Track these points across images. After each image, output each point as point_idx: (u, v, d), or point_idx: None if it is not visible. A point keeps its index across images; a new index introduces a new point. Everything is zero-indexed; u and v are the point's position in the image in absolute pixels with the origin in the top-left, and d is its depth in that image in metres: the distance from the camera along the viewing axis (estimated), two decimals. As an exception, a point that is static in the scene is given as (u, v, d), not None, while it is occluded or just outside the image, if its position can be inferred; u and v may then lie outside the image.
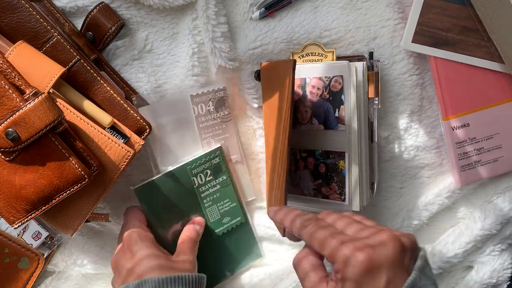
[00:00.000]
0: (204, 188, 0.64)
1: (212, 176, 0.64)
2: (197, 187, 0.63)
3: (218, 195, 0.64)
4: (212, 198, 0.64)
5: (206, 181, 0.64)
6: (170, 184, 0.62)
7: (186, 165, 0.63)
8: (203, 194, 0.64)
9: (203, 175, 0.63)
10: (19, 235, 0.64)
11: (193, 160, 0.63)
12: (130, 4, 0.61)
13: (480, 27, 0.59)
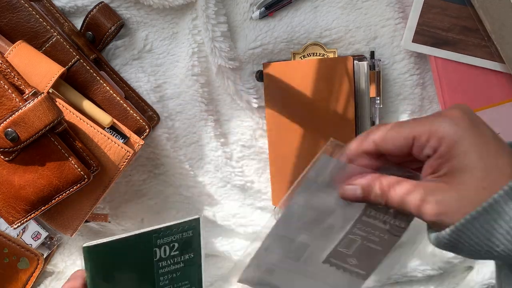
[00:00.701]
0: (165, 264, 0.52)
1: (178, 251, 0.52)
2: (157, 261, 0.52)
3: (178, 274, 0.53)
4: (171, 277, 0.53)
5: (170, 255, 0.52)
6: (126, 251, 0.50)
7: (153, 232, 0.51)
8: (161, 270, 0.52)
9: (168, 248, 0.52)
10: (18, 235, 0.64)
11: (163, 228, 0.51)
12: (129, 4, 0.61)
13: (480, 27, 0.59)
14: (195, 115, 0.64)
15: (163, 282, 0.53)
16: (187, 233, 0.52)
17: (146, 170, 0.65)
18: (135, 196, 0.66)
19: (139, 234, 0.50)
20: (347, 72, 0.57)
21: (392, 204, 0.38)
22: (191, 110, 0.64)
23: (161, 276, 0.52)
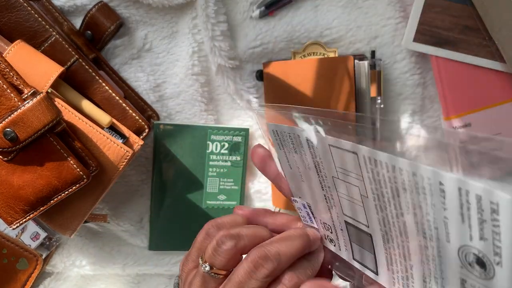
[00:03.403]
0: (215, 158, 0.64)
1: (227, 151, 0.64)
2: (209, 153, 0.64)
3: (225, 171, 0.65)
4: (218, 171, 0.65)
5: (220, 152, 0.64)
6: (187, 135, 0.63)
7: (208, 128, 0.64)
8: (211, 162, 0.64)
9: (219, 145, 0.64)
10: (17, 236, 0.64)
11: (217, 127, 0.64)
12: (129, 3, 0.61)
13: (481, 26, 0.58)
14: (195, 114, 0.64)
15: (211, 173, 0.64)
16: (237, 138, 0.64)
17: (145, 170, 0.65)
18: (134, 196, 0.66)
19: (198, 125, 0.63)
20: (347, 71, 0.57)
21: None
22: (191, 110, 0.64)
23: (211, 167, 0.64)
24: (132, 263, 0.67)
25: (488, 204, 0.26)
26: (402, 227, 0.33)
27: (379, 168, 0.32)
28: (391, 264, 0.36)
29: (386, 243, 0.35)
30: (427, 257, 0.32)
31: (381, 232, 0.35)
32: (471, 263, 0.29)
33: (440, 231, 0.30)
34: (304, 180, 0.40)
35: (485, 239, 0.27)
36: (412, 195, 0.30)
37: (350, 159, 0.34)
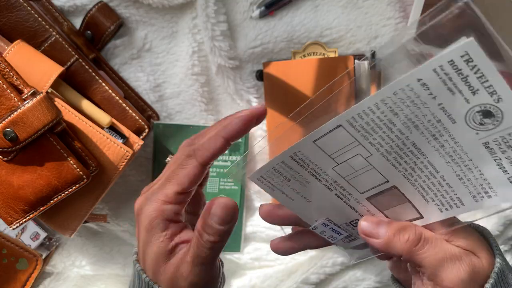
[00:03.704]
0: None
1: (227, 151, 0.63)
2: None
3: (225, 171, 0.64)
4: (218, 171, 0.64)
5: None
6: (187, 135, 0.62)
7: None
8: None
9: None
10: (17, 236, 0.64)
11: None
12: (129, 3, 0.61)
13: (481, 26, 0.58)
14: (195, 114, 0.64)
15: (211, 173, 0.63)
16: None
17: (145, 170, 0.65)
18: (134, 196, 0.66)
19: (198, 125, 0.63)
20: (347, 71, 0.57)
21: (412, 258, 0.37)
22: (191, 110, 0.64)
23: (210, 168, 0.59)
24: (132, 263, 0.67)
25: (460, 60, 0.28)
26: (415, 151, 0.33)
27: (366, 118, 0.32)
28: (427, 194, 0.36)
29: (412, 179, 0.35)
30: (448, 154, 0.33)
31: (401, 173, 0.35)
32: (481, 121, 0.30)
33: (444, 120, 0.31)
34: (310, 200, 0.40)
35: (477, 90, 0.29)
36: (404, 113, 0.32)
37: (339, 135, 0.34)
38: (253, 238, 0.67)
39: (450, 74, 0.29)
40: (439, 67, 0.30)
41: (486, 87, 0.29)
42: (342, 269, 0.64)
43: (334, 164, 0.36)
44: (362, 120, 0.33)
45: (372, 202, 0.38)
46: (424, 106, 0.31)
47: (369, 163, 0.35)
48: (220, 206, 0.35)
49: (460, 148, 0.32)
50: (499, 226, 0.63)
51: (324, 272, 0.64)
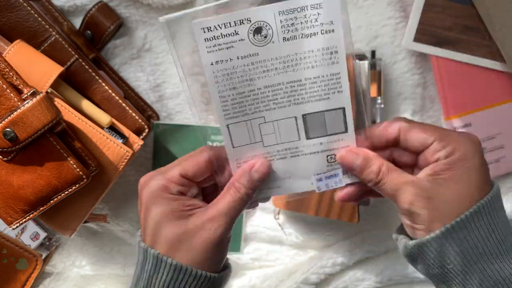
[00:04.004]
0: None
1: None
2: None
3: None
4: None
5: None
6: (187, 135, 0.63)
7: (208, 128, 0.63)
8: None
9: (219, 145, 0.63)
10: (17, 236, 0.64)
11: (217, 127, 0.63)
12: (129, 3, 0.61)
13: (481, 26, 0.58)
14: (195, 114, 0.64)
15: None
16: None
17: (145, 170, 0.65)
18: (134, 197, 0.66)
19: (199, 125, 0.63)
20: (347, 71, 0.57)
21: (381, 186, 0.42)
22: (191, 110, 0.63)
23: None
24: (132, 263, 0.67)
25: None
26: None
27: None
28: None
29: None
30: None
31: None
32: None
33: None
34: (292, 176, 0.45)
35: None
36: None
37: None
38: (253, 238, 0.67)
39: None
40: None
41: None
42: (342, 269, 0.64)
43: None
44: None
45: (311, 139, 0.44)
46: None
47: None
48: (264, 165, 0.43)
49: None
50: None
51: (324, 272, 0.64)
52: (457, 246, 0.40)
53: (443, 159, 0.40)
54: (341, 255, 0.64)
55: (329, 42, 0.40)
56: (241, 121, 0.43)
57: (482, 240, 0.40)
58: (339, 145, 0.44)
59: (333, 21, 0.39)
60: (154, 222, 0.42)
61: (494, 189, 0.41)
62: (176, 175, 0.42)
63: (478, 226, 0.40)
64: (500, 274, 0.39)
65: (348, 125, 0.43)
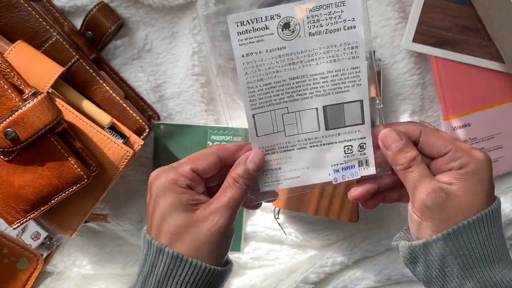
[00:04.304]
0: None
1: None
2: None
3: None
4: None
5: None
6: (187, 135, 0.63)
7: (208, 128, 0.64)
8: None
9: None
10: (18, 236, 0.64)
11: (217, 127, 0.64)
12: (129, 4, 0.61)
13: (480, 27, 0.58)
14: (195, 115, 0.64)
15: None
16: (237, 138, 0.63)
17: (145, 170, 0.65)
18: (134, 196, 0.66)
19: (199, 126, 0.63)
20: None
21: (406, 172, 0.44)
22: (191, 110, 0.64)
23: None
24: (132, 263, 0.67)
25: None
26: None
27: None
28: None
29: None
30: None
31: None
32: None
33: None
34: (308, 167, 0.47)
35: None
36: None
37: None
38: (253, 238, 0.67)
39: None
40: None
41: None
42: (342, 269, 0.65)
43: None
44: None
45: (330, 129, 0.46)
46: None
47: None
48: (258, 155, 0.45)
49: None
50: (498, 225, 0.63)
51: (323, 272, 0.64)
52: (457, 250, 0.42)
53: (457, 169, 0.43)
54: (341, 255, 0.64)
55: (351, 37, 0.43)
56: (266, 111, 0.45)
57: (480, 246, 0.42)
58: (356, 136, 0.46)
59: (354, 18, 0.42)
60: (160, 214, 0.43)
61: (496, 202, 0.44)
62: (187, 169, 0.44)
63: (479, 232, 0.42)
64: (492, 279, 0.42)
65: (365, 117, 0.46)
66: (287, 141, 0.46)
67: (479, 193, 0.43)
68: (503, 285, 0.42)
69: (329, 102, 0.45)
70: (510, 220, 0.63)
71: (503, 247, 0.44)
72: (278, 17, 0.42)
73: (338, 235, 0.65)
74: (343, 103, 0.45)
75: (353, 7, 0.42)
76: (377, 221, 0.65)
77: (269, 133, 0.46)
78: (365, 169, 0.47)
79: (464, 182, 0.43)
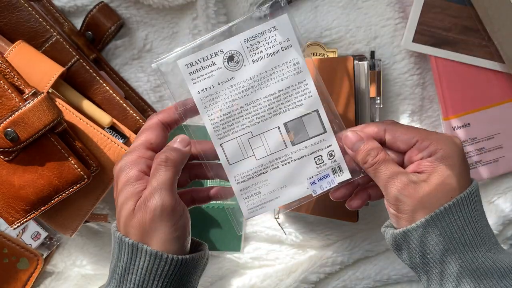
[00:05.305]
0: None
1: None
2: None
3: None
4: None
5: None
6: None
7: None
8: None
9: None
10: (18, 236, 0.64)
11: None
12: (129, 4, 0.61)
13: (480, 27, 0.59)
14: (195, 115, 0.64)
15: None
16: None
17: (146, 170, 0.65)
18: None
19: (199, 125, 0.59)
20: (347, 72, 0.57)
21: (374, 170, 0.46)
22: (191, 110, 0.64)
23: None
24: (132, 263, 0.67)
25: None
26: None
27: None
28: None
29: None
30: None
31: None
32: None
33: None
34: (284, 185, 0.49)
35: None
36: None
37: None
38: (253, 238, 0.67)
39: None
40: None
41: None
42: (342, 269, 0.65)
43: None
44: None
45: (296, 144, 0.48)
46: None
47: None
48: (183, 141, 0.47)
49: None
50: (498, 226, 0.63)
51: (323, 272, 0.64)
52: (436, 236, 0.43)
53: (426, 157, 0.45)
54: (341, 255, 0.64)
55: (290, 55, 0.47)
56: (232, 138, 0.47)
57: (460, 231, 0.43)
58: (322, 145, 0.48)
59: (289, 38, 0.46)
60: (119, 205, 0.44)
61: (472, 185, 0.45)
62: (141, 147, 0.46)
63: (456, 218, 0.43)
64: (474, 263, 0.42)
65: (325, 125, 0.48)
66: (259, 164, 0.48)
67: (450, 179, 0.44)
68: (486, 268, 0.42)
69: (288, 119, 0.47)
70: (510, 220, 0.63)
71: (485, 230, 0.44)
72: (221, 52, 0.46)
73: (338, 235, 0.65)
74: (301, 117, 0.47)
75: (285, 28, 0.46)
76: (377, 221, 0.65)
77: (240, 160, 0.48)
78: (339, 175, 0.48)
79: (433, 169, 0.44)
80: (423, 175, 0.44)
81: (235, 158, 0.48)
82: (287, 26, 0.46)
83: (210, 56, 0.46)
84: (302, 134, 0.48)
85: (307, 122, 0.47)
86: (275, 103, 0.47)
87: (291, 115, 0.47)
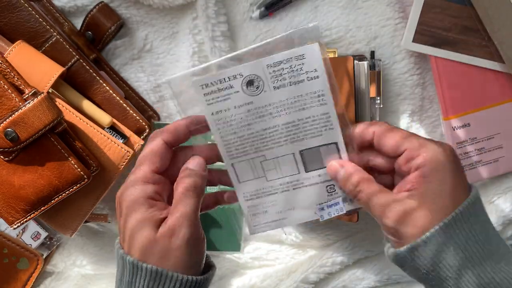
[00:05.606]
0: None
1: None
2: None
3: None
4: None
5: None
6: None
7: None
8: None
9: None
10: (18, 236, 0.64)
11: None
12: (129, 4, 0.61)
13: (480, 27, 0.59)
14: (195, 115, 0.64)
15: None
16: None
17: (146, 170, 0.65)
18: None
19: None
20: (347, 72, 0.57)
21: (359, 198, 0.44)
22: (191, 110, 0.64)
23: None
24: (132, 263, 0.67)
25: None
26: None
27: None
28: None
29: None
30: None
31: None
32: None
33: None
34: (293, 208, 0.48)
35: None
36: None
37: None
38: (253, 238, 0.67)
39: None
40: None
41: None
42: (342, 269, 0.65)
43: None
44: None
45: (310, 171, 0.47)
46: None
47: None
48: (196, 159, 0.45)
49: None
50: (498, 226, 0.63)
51: (323, 272, 0.64)
52: (434, 255, 0.41)
53: (414, 170, 0.42)
54: (341, 255, 0.64)
55: (316, 86, 0.44)
56: (244, 160, 0.46)
57: (459, 249, 0.41)
58: None
59: (316, 69, 0.43)
60: (131, 229, 0.42)
61: (470, 196, 0.42)
62: (148, 173, 0.44)
63: (455, 236, 0.41)
64: (483, 278, 0.40)
65: (342, 157, 0.46)
66: (270, 186, 0.47)
67: (442, 197, 0.41)
68: (496, 283, 0.40)
69: (305, 147, 0.46)
70: (510, 220, 0.63)
71: (493, 240, 0.42)
72: (241, 76, 0.43)
73: (338, 235, 0.65)
74: (319, 146, 0.46)
75: (313, 58, 0.43)
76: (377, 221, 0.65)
77: (250, 179, 0.47)
78: (349, 204, 0.47)
79: (425, 185, 0.41)
80: (415, 197, 0.41)
81: (246, 177, 0.47)
82: (316, 56, 0.43)
83: (228, 79, 0.44)
84: (317, 162, 0.46)
85: (324, 152, 0.46)
86: (292, 131, 0.45)
87: (308, 144, 0.46)
